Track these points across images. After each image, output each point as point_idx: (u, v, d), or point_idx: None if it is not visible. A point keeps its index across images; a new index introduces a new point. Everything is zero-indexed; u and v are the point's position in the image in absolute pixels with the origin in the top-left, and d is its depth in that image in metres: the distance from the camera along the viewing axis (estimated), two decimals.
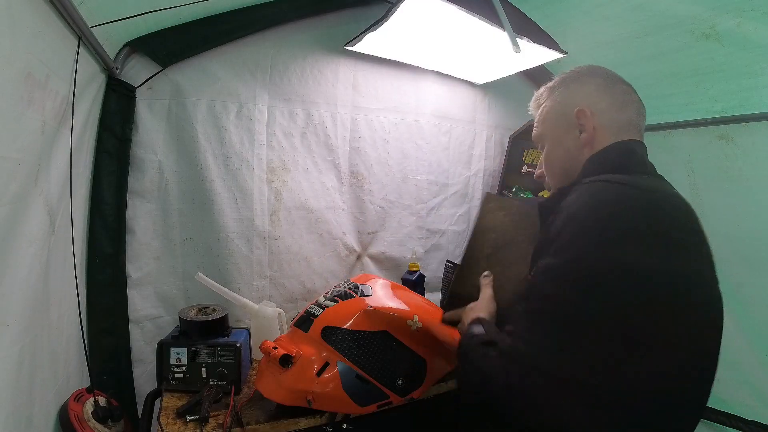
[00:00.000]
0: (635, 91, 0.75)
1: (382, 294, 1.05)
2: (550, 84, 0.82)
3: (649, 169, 0.70)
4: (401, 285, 1.15)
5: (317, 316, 0.97)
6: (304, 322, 0.98)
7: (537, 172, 0.85)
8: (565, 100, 0.77)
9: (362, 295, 1.02)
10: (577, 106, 0.73)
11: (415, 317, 1.01)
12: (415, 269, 1.49)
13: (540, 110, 0.83)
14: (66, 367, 0.93)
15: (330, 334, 0.94)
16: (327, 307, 0.99)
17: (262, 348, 0.93)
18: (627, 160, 0.69)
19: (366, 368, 0.92)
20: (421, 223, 1.69)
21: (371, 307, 0.98)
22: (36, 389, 0.76)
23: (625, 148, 0.70)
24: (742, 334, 1.55)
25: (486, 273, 0.92)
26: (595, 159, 0.71)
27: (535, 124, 0.84)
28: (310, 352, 0.91)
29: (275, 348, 0.90)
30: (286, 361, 0.89)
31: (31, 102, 0.69)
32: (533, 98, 0.85)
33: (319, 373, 0.89)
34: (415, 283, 1.46)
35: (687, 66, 1.40)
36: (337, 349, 0.92)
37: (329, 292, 1.06)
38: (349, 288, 1.04)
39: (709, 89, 1.45)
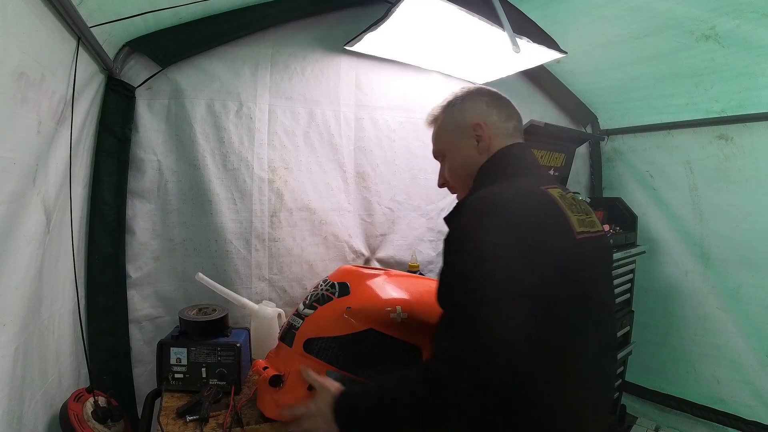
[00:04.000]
0: (513, 105, 0.90)
1: (362, 288, 0.98)
2: (443, 103, 0.93)
3: (525, 170, 0.81)
4: (386, 269, 1.09)
5: (298, 328, 0.95)
6: (286, 335, 0.96)
7: (439, 181, 0.92)
8: (461, 115, 0.88)
9: (340, 295, 0.96)
10: (473, 120, 0.86)
11: (398, 308, 0.94)
12: (414, 269, 1.49)
13: (436, 127, 0.93)
14: (57, 366, 0.92)
15: (313, 346, 0.91)
16: (306, 316, 0.96)
17: (254, 369, 0.92)
18: (509, 165, 0.82)
19: (357, 371, 0.89)
20: (431, 224, 1.64)
21: (350, 308, 0.94)
22: (26, 388, 0.76)
23: (508, 154, 0.84)
24: (742, 334, 1.55)
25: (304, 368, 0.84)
26: (484, 169, 0.83)
27: (432, 141, 0.94)
28: (298, 367, 0.87)
29: (265, 368, 0.90)
30: (275, 382, 0.88)
31: (25, 101, 0.69)
32: (427, 117, 0.96)
33: (311, 387, 0.83)
34: None
35: (687, 66, 1.40)
36: (323, 359, 0.89)
37: (308, 298, 1.01)
38: (326, 290, 0.98)
39: (709, 89, 1.45)
